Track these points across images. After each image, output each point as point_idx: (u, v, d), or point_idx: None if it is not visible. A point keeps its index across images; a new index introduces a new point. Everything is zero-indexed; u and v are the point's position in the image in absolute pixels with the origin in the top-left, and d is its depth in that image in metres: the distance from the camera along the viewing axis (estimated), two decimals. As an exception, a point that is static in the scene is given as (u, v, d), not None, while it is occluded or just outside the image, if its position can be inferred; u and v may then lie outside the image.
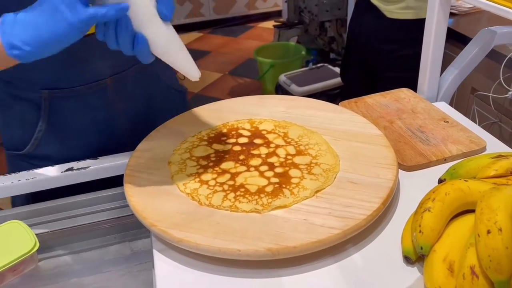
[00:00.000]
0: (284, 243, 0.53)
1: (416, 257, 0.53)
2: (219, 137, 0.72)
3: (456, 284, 0.47)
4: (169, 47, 0.53)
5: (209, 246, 0.53)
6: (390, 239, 0.58)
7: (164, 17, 0.51)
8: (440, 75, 0.91)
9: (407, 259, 0.54)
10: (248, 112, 0.78)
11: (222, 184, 0.62)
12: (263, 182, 0.62)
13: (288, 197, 0.59)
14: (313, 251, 0.53)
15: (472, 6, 1.48)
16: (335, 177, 0.63)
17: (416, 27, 0.88)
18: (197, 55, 3.18)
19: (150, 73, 0.83)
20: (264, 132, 0.73)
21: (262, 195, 0.60)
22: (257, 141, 0.71)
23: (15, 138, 0.80)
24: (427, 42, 0.87)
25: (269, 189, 0.61)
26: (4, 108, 0.78)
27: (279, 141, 0.71)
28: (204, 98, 2.79)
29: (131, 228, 0.72)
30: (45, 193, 0.71)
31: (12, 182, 0.70)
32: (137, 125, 0.82)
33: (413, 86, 0.93)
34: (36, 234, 0.64)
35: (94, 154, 0.74)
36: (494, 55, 1.25)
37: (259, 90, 2.80)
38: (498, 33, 0.88)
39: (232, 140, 0.71)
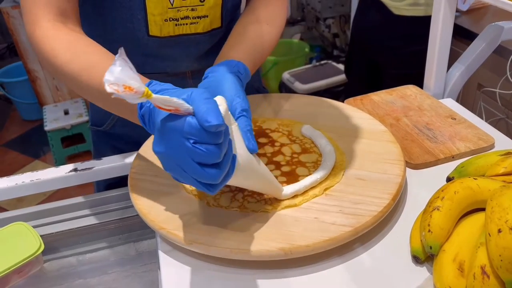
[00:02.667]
0: (296, 242, 0.52)
1: (425, 256, 0.52)
2: None
3: (467, 284, 0.46)
4: (248, 179, 0.53)
5: (220, 248, 0.52)
6: (398, 239, 0.57)
7: (250, 150, 0.52)
8: (447, 71, 0.90)
9: (416, 259, 0.53)
10: (252, 111, 0.77)
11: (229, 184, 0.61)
12: None
13: (297, 196, 0.59)
14: (326, 249, 0.53)
15: (477, 1, 1.46)
16: (343, 174, 0.62)
17: (423, 23, 0.87)
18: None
19: None
20: (268, 131, 0.73)
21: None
22: (262, 140, 0.71)
23: (97, 115, 0.85)
24: (434, 38, 0.86)
25: None
26: None
27: (284, 140, 0.70)
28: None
29: (136, 229, 0.71)
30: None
31: (16, 184, 0.70)
32: None
33: (419, 83, 0.92)
34: (41, 236, 0.63)
35: None
36: (501, 51, 1.23)
37: (262, 88, 2.79)
38: (505, 28, 0.87)
39: (237, 140, 0.71)
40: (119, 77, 0.36)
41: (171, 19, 0.70)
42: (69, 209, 0.72)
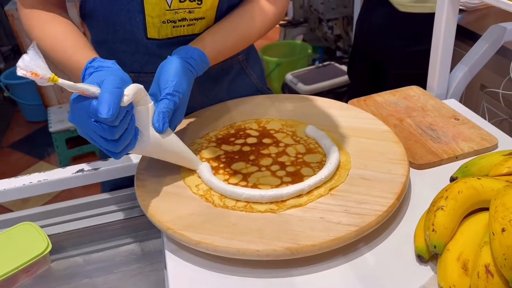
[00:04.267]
0: (302, 242, 0.52)
1: (429, 256, 0.53)
2: (227, 138, 0.72)
3: (471, 283, 0.47)
4: (158, 153, 0.62)
5: (227, 248, 0.53)
6: (402, 238, 0.57)
7: (156, 129, 0.59)
8: (450, 72, 0.90)
9: (420, 258, 0.54)
10: (255, 112, 0.78)
11: (235, 185, 0.62)
12: (276, 181, 0.62)
13: (302, 196, 0.59)
14: (332, 249, 0.53)
15: (480, 2, 1.47)
16: (347, 174, 0.63)
17: (428, 22, 0.87)
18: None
19: (236, 71, 0.85)
20: (272, 132, 0.73)
21: None
22: (266, 140, 0.71)
23: None
24: (437, 39, 0.86)
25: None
26: None
27: (288, 140, 0.71)
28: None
29: (142, 229, 0.72)
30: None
31: (24, 184, 0.71)
32: None
33: (421, 84, 0.92)
34: (48, 235, 0.64)
35: None
36: (504, 51, 1.23)
37: (265, 89, 2.79)
38: (508, 29, 0.87)
39: (241, 141, 0.71)
40: (27, 65, 0.45)
41: (168, 21, 0.71)
42: (76, 209, 0.72)
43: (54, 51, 0.67)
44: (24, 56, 0.45)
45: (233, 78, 0.85)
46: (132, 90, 0.54)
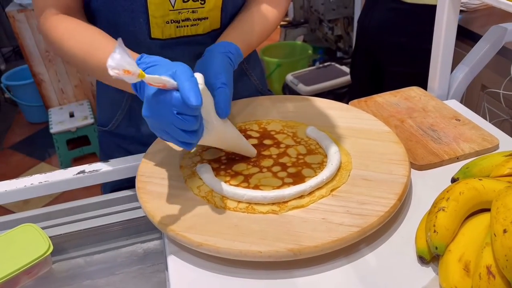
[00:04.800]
0: (305, 243, 0.52)
1: (430, 257, 0.53)
2: None
3: (473, 284, 0.47)
4: (220, 140, 0.63)
5: (230, 249, 0.53)
6: (404, 239, 0.57)
7: (221, 115, 0.61)
8: (451, 73, 0.90)
9: (422, 259, 0.54)
10: (255, 113, 0.78)
11: (236, 186, 0.62)
12: (277, 182, 0.62)
13: (304, 197, 0.60)
14: (334, 249, 0.53)
15: (481, 2, 1.47)
16: (348, 175, 0.63)
17: (431, 17, 0.87)
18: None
19: (237, 73, 0.85)
20: (273, 133, 0.73)
21: None
22: (267, 142, 0.71)
23: (103, 115, 0.88)
24: (437, 40, 0.86)
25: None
26: (101, 88, 0.87)
27: (289, 141, 0.71)
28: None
29: (143, 230, 0.72)
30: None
31: (25, 186, 0.71)
32: None
33: (420, 83, 0.92)
34: (49, 237, 0.64)
35: None
36: (504, 52, 1.23)
37: (266, 89, 2.79)
38: (509, 30, 0.87)
39: (242, 142, 0.71)
40: (119, 63, 0.44)
41: (172, 21, 0.72)
42: (77, 211, 0.73)
43: (90, 56, 0.64)
44: (114, 55, 0.44)
45: (234, 80, 0.86)
46: (201, 79, 0.54)
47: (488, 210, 0.51)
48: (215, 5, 0.73)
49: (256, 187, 0.61)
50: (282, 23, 2.92)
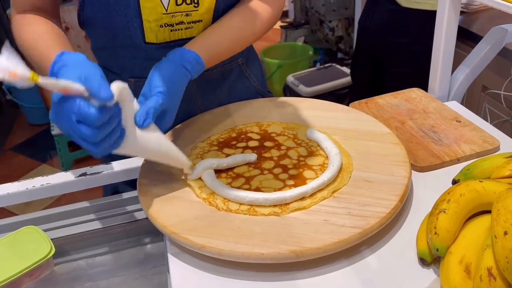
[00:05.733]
0: (307, 244, 0.53)
1: (431, 259, 0.53)
2: (229, 141, 0.72)
3: (473, 286, 0.47)
4: (143, 151, 0.60)
5: (232, 251, 0.53)
6: (405, 241, 0.57)
7: (136, 123, 0.57)
8: (451, 74, 0.91)
9: (423, 261, 0.54)
10: (256, 115, 0.78)
11: (237, 188, 0.62)
12: (279, 184, 0.62)
13: (305, 199, 0.60)
14: (336, 251, 0.54)
15: (481, 4, 1.46)
16: (350, 177, 0.63)
17: (429, 20, 0.87)
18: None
19: (236, 74, 0.85)
20: (273, 135, 0.73)
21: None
22: (268, 144, 0.71)
23: None
24: (438, 41, 0.86)
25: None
26: None
27: (290, 143, 0.71)
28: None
29: (145, 232, 0.72)
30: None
31: (27, 188, 0.71)
32: None
33: (420, 84, 0.92)
34: (51, 239, 0.64)
35: None
36: (505, 53, 1.23)
37: (267, 91, 2.79)
38: (509, 31, 0.87)
39: (242, 144, 0.71)
40: (4, 66, 0.42)
41: (166, 25, 0.71)
42: (78, 213, 0.73)
43: (33, 50, 0.66)
44: (0, 57, 0.42)
45: (233, 81, 0.85)
46: (116, 87, 0.51)
47: (489, 212, 0.51)
48: (209, 8, 0.72)
49: (257, 189, 0.62)
50: (282, 24, 2.92)
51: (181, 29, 0.73)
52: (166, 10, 0.70)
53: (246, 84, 0.88)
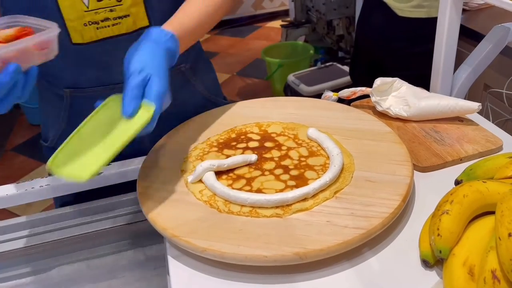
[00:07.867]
0: (310, 246, 0.52)
1: (434, 260, 0.52)
2: (228, 142, 0.72)
3: (477, 289, 0.46)
4: None
5: (235, 254, 0.52)
6: (407, 243, 0.57)
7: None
8: (453, 73, 0.90)
9: (425, 263, 0.53)
10: (256, 115, 0.78)
11: (239, 190, 0.61)
12: (280, 185, 0.62)
13: (308, 200, 0.59)
14: (340, 252, 0.53)
15: (483, 2, 1.46)
16: (351, 177, 0.62)
17: (427, 25, 0.87)
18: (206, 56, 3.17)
19: (179, 83, 0.81)
20: (273, 135, 0.73)
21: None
22: (268, 144, 0.71)
23: (45, 130, 0.87)
24: (440, 40, 0.85)
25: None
26: (42, 101, 0.86)
27: (290, 143, 0.71)
28: (213, 99, 2.78)
29: (145, 234, 0.72)
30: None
31: (26, 190, 0.71)
32: (160, 130, 0.74)
33: (421, 83, 0.91)
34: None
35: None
36: (507, 51, 1.22)
37: (267, 90, 2.79)
38: (511, 30, 0.86)
39: (243, 145, 0.71)
40: None
41: (90, 23, 0.68)
42: (79, 214, 0.72)
43: None
44: None
45: (175, 91, 0.74)
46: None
47: (492, 213, 0.50)
48: (135, 1, 0.69)
49: (258, 190, 0.61)
50: (283, 23, 2.92)
51: (108, 26, 0.69)
52: (88, 7, 0.67)
53: (191, 91, 0.84)
